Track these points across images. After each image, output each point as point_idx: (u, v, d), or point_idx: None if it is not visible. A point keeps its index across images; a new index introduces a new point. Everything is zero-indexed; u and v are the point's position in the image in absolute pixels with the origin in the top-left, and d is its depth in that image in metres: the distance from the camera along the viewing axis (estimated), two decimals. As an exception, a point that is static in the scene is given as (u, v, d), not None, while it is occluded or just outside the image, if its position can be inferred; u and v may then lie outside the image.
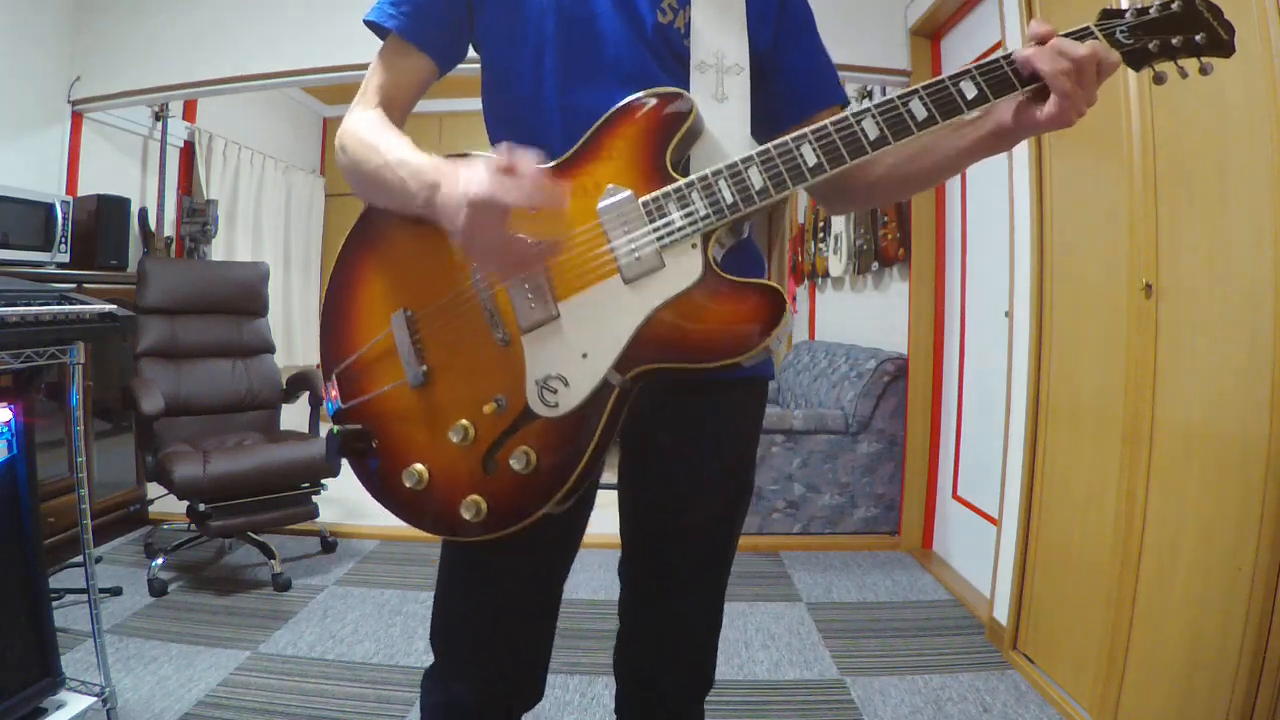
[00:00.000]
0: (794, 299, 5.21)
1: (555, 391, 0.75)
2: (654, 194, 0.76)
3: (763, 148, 0.76)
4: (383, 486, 0.81)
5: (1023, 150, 2.09)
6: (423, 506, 0.79)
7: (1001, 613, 2.15)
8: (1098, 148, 1.78)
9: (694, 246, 0.75)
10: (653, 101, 0.78)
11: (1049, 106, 0.73)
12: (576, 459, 0.74)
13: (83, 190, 3.17)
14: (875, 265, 3.45)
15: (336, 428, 0.82)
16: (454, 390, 0.79)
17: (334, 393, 0.85)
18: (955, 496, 2.88)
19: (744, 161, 0.76)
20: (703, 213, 0.75)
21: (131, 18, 3.11)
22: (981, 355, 2.69)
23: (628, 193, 0.76)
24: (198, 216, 3.78)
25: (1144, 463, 1.57)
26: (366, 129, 0.83)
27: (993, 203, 2.48)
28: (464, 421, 0.77)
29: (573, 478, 0.74)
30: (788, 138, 0.76)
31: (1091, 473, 1.77)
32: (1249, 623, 1.27)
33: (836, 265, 3.99)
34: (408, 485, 0.79)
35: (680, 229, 0.75)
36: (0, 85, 2.85)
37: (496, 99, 0.91)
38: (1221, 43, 0.74)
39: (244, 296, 3.10)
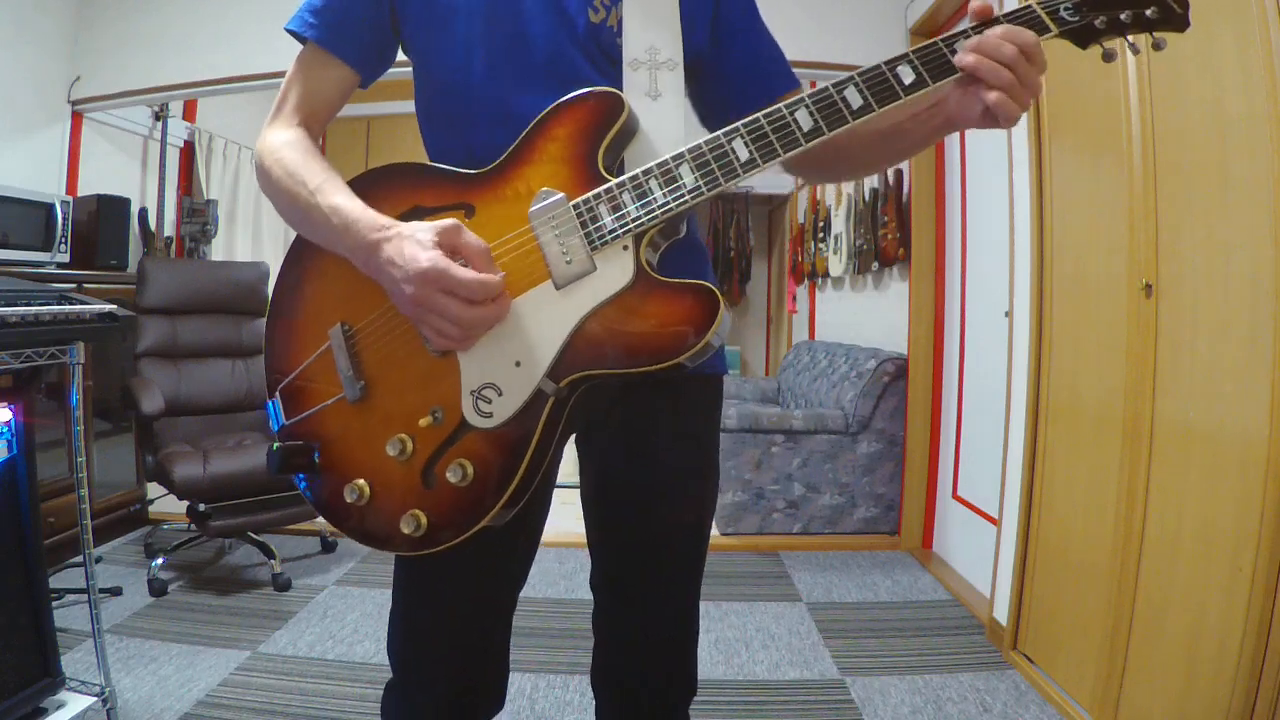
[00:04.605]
0: (794, 299, 5.21)
1: (490, 401, 0.74)
2: (585, 196, 0.74)
3: (694, 144, 0.74)
4: (325, 502, 0.80)
5: (1022, 150, 2.10)
6: (364, 521, 0.78)
7: (1001, 613, 2.15)
8: (1098, 147, 1.78)
9: (625, 249, 0.73)
10: (584, 102, 0.77)
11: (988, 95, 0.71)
12: (513, 471, 0.73)
13: (83, 190, 3.17)
14: (875, 265, 3.45)
15: (277, 444, 0.81)
16: (392, 404, 0.78)
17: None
18: (955, 496, 2.88)
19: (675, 159, 0.73)
20: (634, 214, 0.73)
21: (131, 18, 3.11)
22: (981, 355, 2.69)
23: (559, 196, 0.74)
24: (198, 216, 3.78)
25: (1144, 462, 1.57)
26: (291, 158, 0.80)
27: (993, 203, 2.48)
28: (401, 435, 0.76)
29: (509, 490, 0.73)
30: (720, 132, 0.74)
31: (1091, 472, 1.77)
32: (1249, 623, 1.27)
33: (836, 265, 3.99)
34: (349, 500, 0.78)
35: (611, 231, 0.73)
36: (0, 85, 2.85)
37: (428, 104, 0.89)
38: (1175, 17, 0.70)
39: (244, 296, 3.09)
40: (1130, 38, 0.72)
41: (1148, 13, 0.70)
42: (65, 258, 2.81)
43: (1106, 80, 1.69)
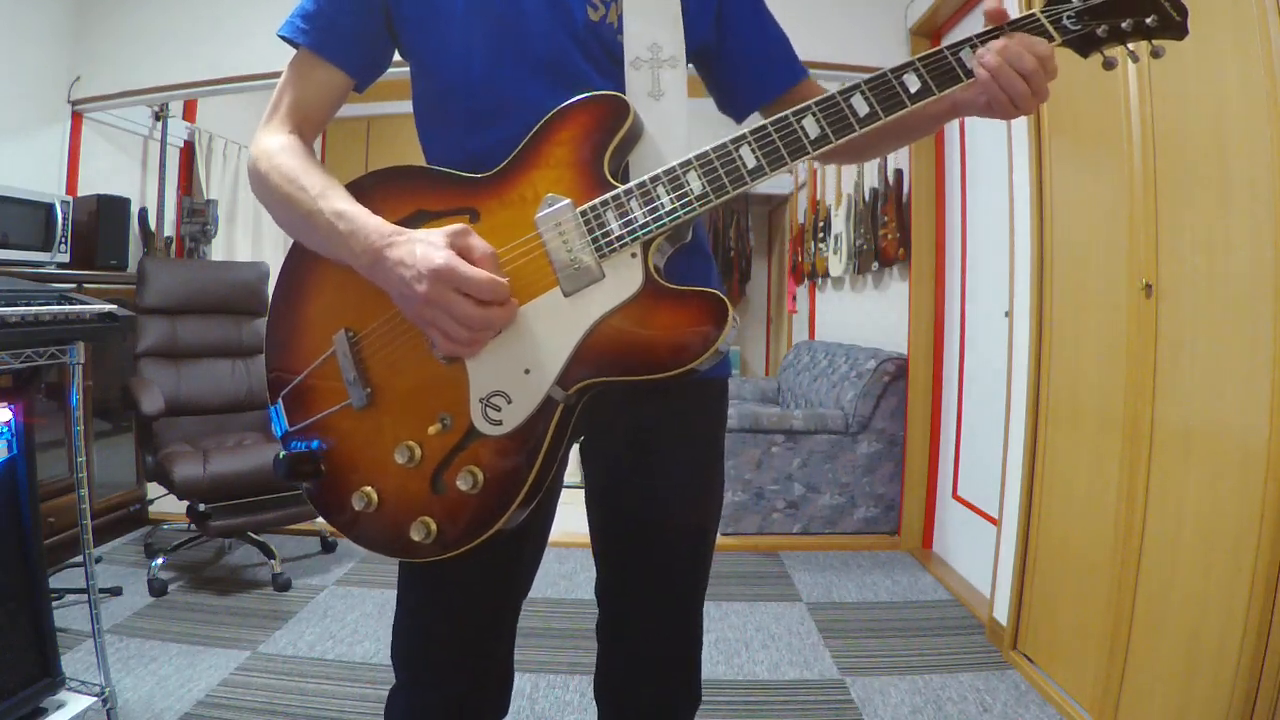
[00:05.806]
0: (794, 299, 5.21)
1: (499, 409, 0.74)
2: (591, 203, 0.74)
3: (701, 151, 0.74)
4: (333, 509, 0.80)
5: (1022, 150, 2.09)
6: (373, 528, 0.78)
7: (1001, 613, 2.15)
8: (1098, 148, 1.78)
9: (634, 256, 0.73)
10: (588, 106, 0.76)
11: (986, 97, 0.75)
12: (523, 477, 0.73)
13: (83, 190, 3.17)
14: (875, 265, 3.45)
15: (283, 452, 0.80)
16: (399, 411, 0.77)
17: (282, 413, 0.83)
18: (955, 496, 2.88)
19: (682, 166, 0.74)
20: (641, 221, 0.73)
21: (131, 18, 3.11)
22: (981, 355, 2.69)
23: (566, 202, 0.74)
24: (198, 216, 3.78)
25: (1144, 463, 1.57)
26: (289, 163, 0.79)
27: (993, 203, 2.48)
28: (410, 442, 0.76)
29: (520, 496, 0.73)
30: (727, 139, 0.74)
31: (1091, 473, 1.77)
32: (1249, 623, 1.27)
33: (836, 265, 3.99)
34: (357, 508, 0.77)
35: (619, 238, 0.73)
36: (0, 85, 2.85)
37: (427, 104, 0.88)
38: (1174, 25, 0.72)
39: (244, 296, 3.10)
40: (1130, 45, 0.74)
41: (1148, 21, 0.72)
42: (65, 258, 2.81)
43: (1106, 80, 1.69)
